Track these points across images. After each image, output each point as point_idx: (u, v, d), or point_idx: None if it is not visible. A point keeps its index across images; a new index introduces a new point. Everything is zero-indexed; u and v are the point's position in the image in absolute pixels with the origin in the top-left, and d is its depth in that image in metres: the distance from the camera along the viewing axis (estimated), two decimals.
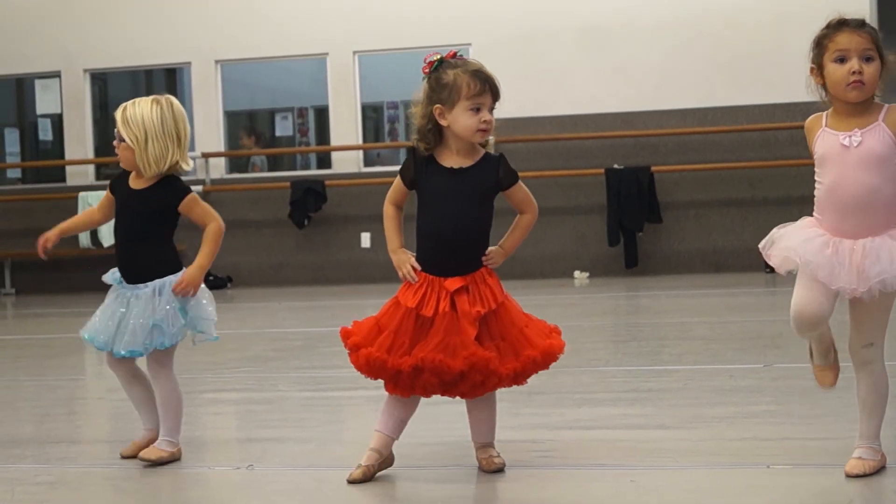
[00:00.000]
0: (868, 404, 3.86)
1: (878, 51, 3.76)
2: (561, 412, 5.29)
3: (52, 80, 15.42)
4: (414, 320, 3.97)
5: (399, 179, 4.14)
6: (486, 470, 4.06)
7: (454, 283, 3.99)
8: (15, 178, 16.44)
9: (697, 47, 13.77)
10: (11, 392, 6.71)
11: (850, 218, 3.76)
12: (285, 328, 9.83)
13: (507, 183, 4.11)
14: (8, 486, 4.16)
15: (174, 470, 4.33)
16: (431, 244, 4.05)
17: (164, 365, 4.43)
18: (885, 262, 3.68)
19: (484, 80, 4.02)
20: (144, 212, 4.44)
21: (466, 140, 4.04)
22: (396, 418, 4.08)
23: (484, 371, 3.92)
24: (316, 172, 15.23)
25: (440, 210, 4.04)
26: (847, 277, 3.70)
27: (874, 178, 3.73)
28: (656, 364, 6.73)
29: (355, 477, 3.99)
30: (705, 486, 3.84)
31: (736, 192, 13.72)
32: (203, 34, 14.93)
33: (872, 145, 3.74)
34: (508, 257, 4.18)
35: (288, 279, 14.65)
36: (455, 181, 4.04)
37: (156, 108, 4.39)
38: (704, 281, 12.60)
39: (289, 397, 6.11)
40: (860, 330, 3.85)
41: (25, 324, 11.79)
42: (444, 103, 4.01)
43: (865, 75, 3.72)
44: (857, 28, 3.77)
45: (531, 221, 4.21)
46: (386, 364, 3.92)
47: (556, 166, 13.91)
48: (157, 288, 4.39)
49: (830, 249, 3.74)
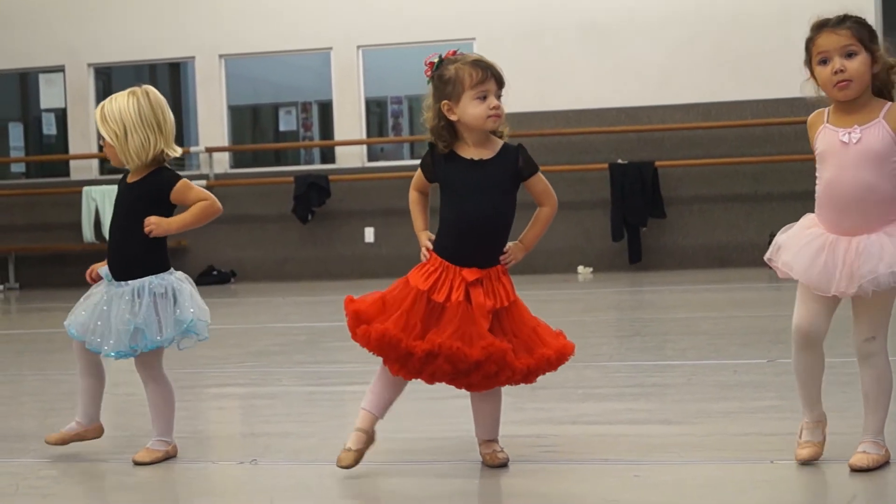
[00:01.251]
0: (871, 398, 3.86)
1: (862, 43, 3.74)
2: (565, 407, 5.29)
3: (56, 74, 15.43)
4: (425, 304, 3.96)
5: (420, 172, 4.18)
6: (489, 465, 4.06)
7: (473, 274, 3.98)
8: (19, 173, 16.45)
9: (701, 42, 13.76)
10: (15, 386, 6.71)
11: (848, 215, 3.76)
12: (289, 323, 9.84)
13: (527, 173, 4.10)
14: (12, 479, 4.16)
15: (178, 465, 4.33)
16: (454, 234, 4.05)
17: (152, 366, 4.39)
18: (875, 261, 3.70)
19: (485, 68, 4.04)
20: (135, 205, 4.37)
21: (479, 129, 4.04)
22: (386, 399, 4.06)
23: (500, 362, 3.91)
24: (320, 167, 15.24)
25: (463, 202, 4.04)
26: (839, 282, 3.73)
27: (871, 176, 3.73)
28: (660, 359, 6.73)
29: (349, 462, 3.96)
30: (709, 480, 3.84)
31: (740, 188, 13.71)
32: (207, 29, 14.93)
33: (871, 142, 3.73)
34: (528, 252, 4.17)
35: (292, 274, 14.66)
36: (477, 174, 4.04)
37: (132, 99, 4.36)
38: (708, 276, 12.59)
39: (292, 392, 6.11)
40: (861, 324, 3.85)
41: (29, 318, 11.80)
42: (450, 98, 4.02)
43: (849, 72, 3.72)
44: (835, 26, 3.77)
45: (551, 214, 4.18)
46: (401, 344, 3.88)
47: (560, 161, 13.90)
48: (136, 289, 4.31)
49: (824, 255, 3.77)
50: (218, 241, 14.60)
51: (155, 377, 4.41)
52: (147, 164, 4.39)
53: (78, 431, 4.50)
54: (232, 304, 12.02)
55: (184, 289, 4.38)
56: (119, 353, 4.30)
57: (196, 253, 14.58)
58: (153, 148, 4.35)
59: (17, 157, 16.32)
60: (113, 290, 4.36)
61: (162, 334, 4.30)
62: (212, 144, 14.92)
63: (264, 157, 16.30)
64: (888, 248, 3.70)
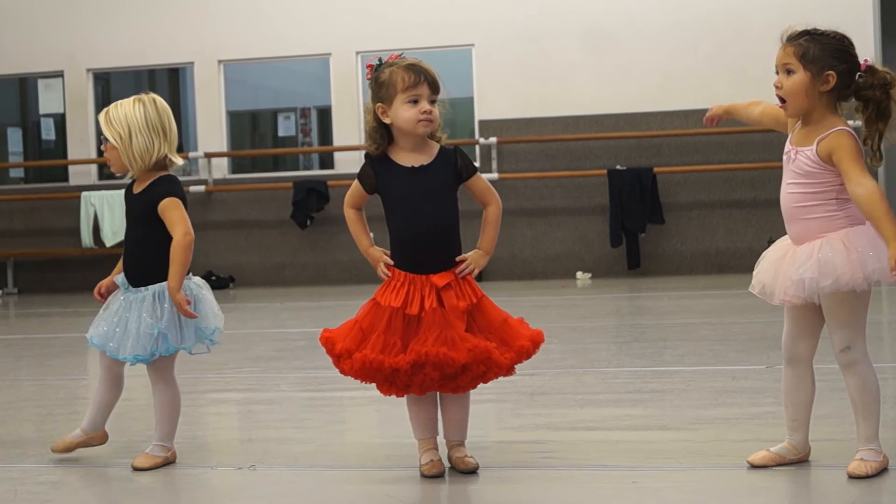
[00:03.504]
0: (860, 406, 3.87)
1: (804, 61, 3.77)
2: (563, 413, 5.29)
3: (55, 79, 15.43)
4: (402, 319, 3.98)
5: (357, 184, 4.16)
6: (460, 470, 4.09)
7: (442, 279, 4.01)
8: (18, 178, 16.45)
9: (700, 48, 13.77)
10: (14, 392, 6.71)
11: (791, 225, 3.93)
12: (287, 328, 9.84)
13: (466, 174, 4.12)
14: (10, 485, 4.16)
15: (176, 470, 4.34)
16: (406, 244, 4.08)
17: (164, 371, 4.40)
18: (794, 269, 3.79)
19: (418, 72, 4.03)
20: (139, 214, 4.40)
21: (411, 134, 4.06)
22: (424, 419, 4.11)
23: (486, 362, 3.94)
24: (318, 173, 15.23)
25: (408, 210, 4.06)
26: (779, 290, 3.86)
27: (798, 191, 3.86)
28: (659, 365, 6.73)
29: (437, 471, 4.04)
30: (707, 487, 3.84)
31: (738, 194, 13.72)
32: (206, 34, 14.94)
33: (801, 163, 3.86)
34: (491, 257, 4.20)
35: (290, 279, 14.66)
36: (416, 180, 4.06)
37: (138, 105, 4.39)
38: (707, 282, 12.60)
39: (291, 397, 6.11)
40: (834, 335, 3.90)
41: (28, 323, 11.80)
42: (384, 101, 4.05)
43: (783, 89, 3.81)
44: (787, 41, 3.86)
45: (498, 213, 4.19)
46: (383, 364, 3.92)
47: (559, 167, 13.91)
48: (157, 293, 4.34)
49: (775, 267, 3.90)
50: (216, 246, 14.60)
51: (167, 380, 4.43)
52: (150, 168, 4.40)
53: (83, 438, 4.51)
54: (230, 309, 12.02)
55: (204, 297, 4.41)
56: (137, 357, 4.32)
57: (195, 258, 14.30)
58: (157, 152, 4.37)
59: (16, 163, 16.31)
60: (132, 296, 4.38)
61: (183, 340, 4.33)
62: (210, 150, 14.92)
63: (263, 162, 16.30)
64: (802, 257, 3.78)
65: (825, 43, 3.79)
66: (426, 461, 4.07)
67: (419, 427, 4.13)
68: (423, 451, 4.11)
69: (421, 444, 4.13)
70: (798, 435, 4.02)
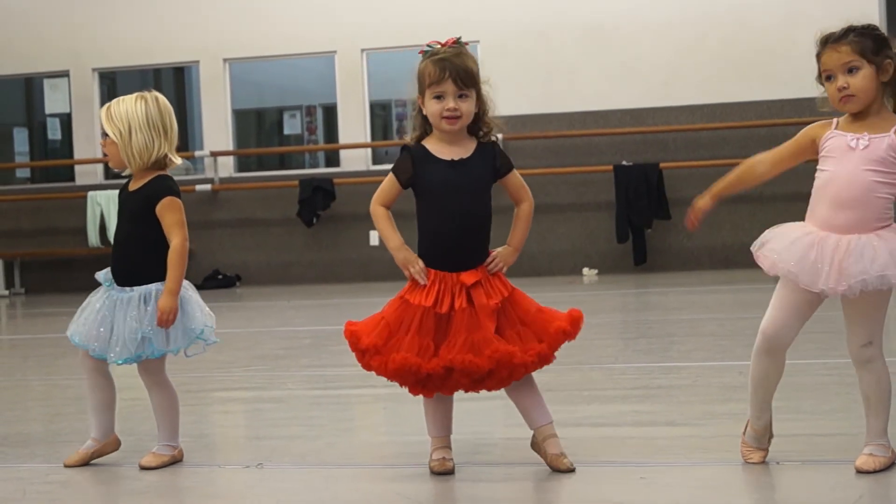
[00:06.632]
0: (873, 402, 3.86)
1: (864, 57, 3.75)
2: (570, 409, 5.29)
3: (61, 79, 15.45)
4: (433, 319, 3.94)
5: (392, 179, 4.08)
6: (555, 469, 4.01)
7: (471, 277, 3.97)
8: (24, 178, 16.47)
9: (706, 44, 13.76)
10: (21, 391, 6.72)
11: (843, 212, 3.78)
12: (294, 326, 9.84)
13: (504, 170, 4.09)
14: (19, 485, 4.17)
15: (184, 469, 4.34)
16: (439, 239, 4.02)
17: (155, 372, 4.38)
18: (867, 262, 3.71)
19: (443, 68, 3.99)
20: (138, 212, 4.35)
21: (437, 129, 4.04)
22: (441, 417, 4.10)
23: (509, 366, 3.91)
24: (324, 170, 15.24)
25: (445, 203, 4.01)
26: (827, 278, 3.74)
27: (872, 176, 3.75)
28: (665, 361, 6.72)
29: (446, 469, 4.02)
30: (715, 482, 3.84)
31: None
32: (211, 33, 14.95)
33: (877, 149, 3.76)
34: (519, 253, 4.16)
35: (296, 277, 14.67)
36: (455, 173, 4.02)
37: (140, 102, 4.36)
38: (713, 277, 12.59)
39: (298, 396, 6.11)
40: (857, 329, 3.86)
41: (35, 323, 11.81)
42: (420, 93, 4.07)
43: (852, 88, 3.76)
44: (836, 42, 3.80)
45: (530, 210, 4.16)
46: (421, 369, 3.88)
47: (565, 163, 13.91)
48: (143, 295, 4.30)
49: (814, 252, 3.77)
50: (223, 244, 14.61)
51: (159, 383, 4.40)
52: (148, 166, 4.37)
53: (96, 448, 4.46)
54: (237, 307, 12.03)
55: (190, 297, 4.38)
56: (126, 359, 4.30)
57: (201, 257, 14.58)
58: (156, 150, 4.34)
59: (23, 163, 16.34)
60: (116, 295, 4.34)
61: (169, 343, 4.30)
62: (216, 148, 14.93)
63: (269, 160, 16.30)
64: (880, 250, 3.71)
65: (874, 36, 3.79)
66: (437, 458, 4.06)
67: (435, 425, 4.11)
68: (435, 448, 4.10)
69: (434, 442, 4.12)
70: (765, 416, 4.00)
